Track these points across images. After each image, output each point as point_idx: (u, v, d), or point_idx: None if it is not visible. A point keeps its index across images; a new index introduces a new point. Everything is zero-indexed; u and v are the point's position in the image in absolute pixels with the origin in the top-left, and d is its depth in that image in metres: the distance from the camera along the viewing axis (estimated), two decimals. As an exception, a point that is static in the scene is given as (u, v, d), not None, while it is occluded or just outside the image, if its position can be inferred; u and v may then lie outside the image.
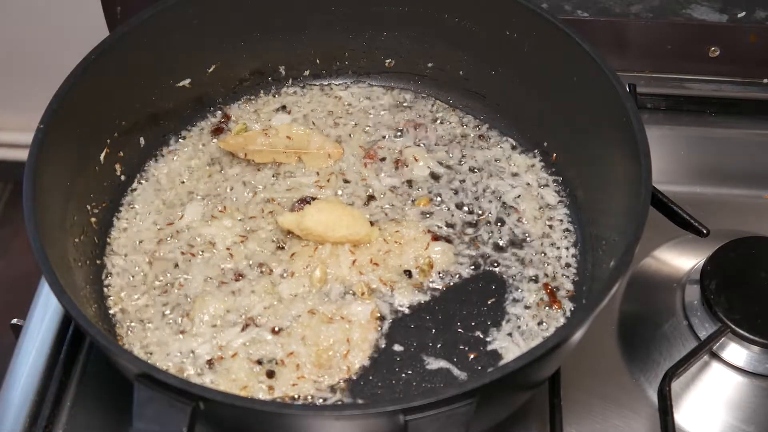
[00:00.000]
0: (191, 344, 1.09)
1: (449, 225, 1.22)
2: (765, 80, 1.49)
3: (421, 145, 1.31)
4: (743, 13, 1.44)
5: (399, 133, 1.32)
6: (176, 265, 1.17)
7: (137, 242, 1.19)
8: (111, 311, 1.13)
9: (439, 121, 1.34)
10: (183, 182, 1.25)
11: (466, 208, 1.24)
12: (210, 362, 1.08)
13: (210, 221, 1.21)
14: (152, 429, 0.84)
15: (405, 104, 1.36)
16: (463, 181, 1.27)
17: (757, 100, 1.48)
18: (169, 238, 1.20)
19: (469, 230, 1.21)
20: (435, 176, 1.27)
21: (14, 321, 1.23)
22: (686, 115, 1.49)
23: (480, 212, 1.23)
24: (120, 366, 0.93)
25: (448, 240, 1.20)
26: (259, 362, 1.08)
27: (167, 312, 1.13)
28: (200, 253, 1.18)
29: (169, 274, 1.16)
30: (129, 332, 1.11)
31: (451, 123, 1.34)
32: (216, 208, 1.22)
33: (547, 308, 1.14)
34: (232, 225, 1.20)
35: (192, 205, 1.22)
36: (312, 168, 1.27)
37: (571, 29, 1.16)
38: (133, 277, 1.16)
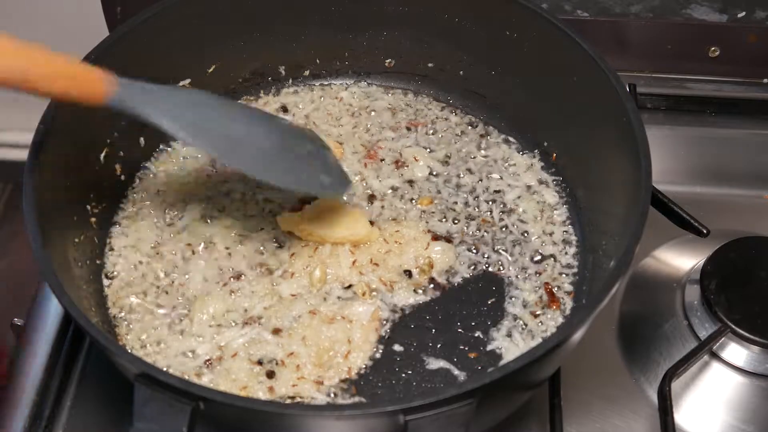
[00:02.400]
0: (191, 344, 1.09)
1: (449, 225, 1.22)
2: (765, 80, 1.49)
3: (421, 145, 1.31)
4: (743, 13, 1.44)
5: (399, 133, 1.32)
6: (176, 265, 1.17)
7: (137, 242, 1.19)
8: (111, 311, 1.13)
9: (439, 121, 1.34)
10: (183, 182, 1.25)
11: (466, 208, 1.24)
12: (209, 362, 1.08)
13: (210, 221, 1.21)
14: (152, 429, 0.84)
15: (405, 104, 1.36)
16: (463, 181, 1.27)
17: (757, 100, 1.48)
18: (168, 238, 1.20)
19: (469, 230, 1.21)
20: (435, 176, 1.27)
21: (14, 321, 1.23)
22: (686, 115, 1.49)
23: (480, 212, 1.23)
24: (120, 366, 0.93)
25: (448, 240, 1.20)
26: (260, 362, 1.08)
27: (167, 312, 1.13)
28: (200, 252, 1.18)
29: (168, 274, 1.16)
30: (129, 332, 1.11)
31: (451, 123, 1.34)
32: (215, 208, 1.22)
33: (546, 308, 1.14)
34: (232, 224, 1.20)
35: (192, 205, 1.22)
36: None
37: (571, 29, 1.16)
38: (132, 277, 1.16)
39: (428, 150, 1.30)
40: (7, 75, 0.86)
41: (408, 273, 1.16)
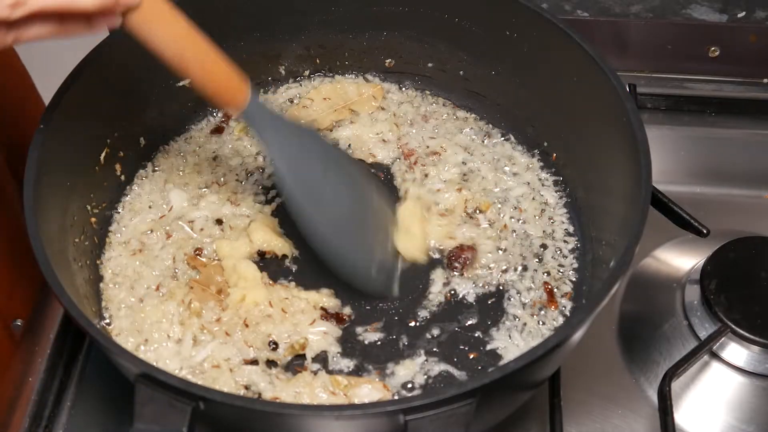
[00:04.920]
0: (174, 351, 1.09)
1: (452, 227, 1.22)
2: (765, 80, 1.49)
3: (442, 136, 1.31)
4: (743, 13, 1.44)
5: (420, 126, 1.32)
6: (156, 256, 1.17)
7: (135, 242, 1.19)
8: (109, 311, 1.13)
9: (445, 121, 1.34)
10: (183, 181, 1.25)
11: (466, 209, 1.24)
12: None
13: (197, 201, 1.22)
14: (152, 429, 0.84)
15: (414, 100, 1.36)
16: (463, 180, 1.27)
17: (757, 100, 1.48)
18: (159, 233, 1.20)
19: (469, 230, 1.21)
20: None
21: (14, 321, 1.23)
22: (686, 115, 1.49)
23: (480, 212, 1.23)
24: (120, 366, 0.93)
25: (339, 319, 1.11)
26: (247, 387, 1.06)
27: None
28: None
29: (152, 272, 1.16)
30: (121, 332, 1.10)
31: (451, 122, 1.34)
32: (198, 190, 1.23)
33: (546, 308, 1.14)
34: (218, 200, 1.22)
35: (175, 192, 1.23)
36: (366, 112, 1.31)
37: (571, 29, 1.16)
38: (124, 276, 1.16)
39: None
40: (175, 61, 0.95)
41: (273, 344, 1.08)
